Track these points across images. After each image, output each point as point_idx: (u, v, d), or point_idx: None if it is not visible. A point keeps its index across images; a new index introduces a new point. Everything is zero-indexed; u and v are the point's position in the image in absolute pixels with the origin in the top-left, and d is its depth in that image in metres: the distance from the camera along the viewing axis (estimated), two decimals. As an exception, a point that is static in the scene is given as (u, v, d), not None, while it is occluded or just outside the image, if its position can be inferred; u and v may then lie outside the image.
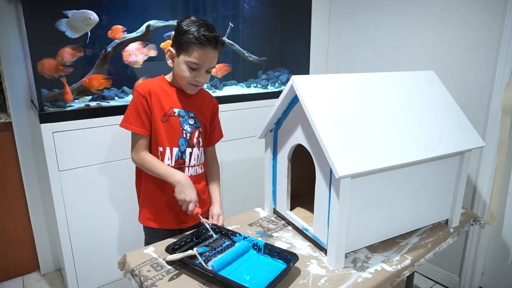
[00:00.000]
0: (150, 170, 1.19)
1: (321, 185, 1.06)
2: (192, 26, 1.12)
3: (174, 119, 1.22)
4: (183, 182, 1.13)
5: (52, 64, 1.56)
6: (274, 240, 1.18)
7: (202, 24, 1.13)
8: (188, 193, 1.12)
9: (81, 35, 1.60)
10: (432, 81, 1.32)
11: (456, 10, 1.79)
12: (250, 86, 2.28)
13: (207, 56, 1.15)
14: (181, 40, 1.13)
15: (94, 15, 1.57)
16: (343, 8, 2.37)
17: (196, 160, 1.28)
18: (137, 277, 1.00)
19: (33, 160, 1.94)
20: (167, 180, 1.16)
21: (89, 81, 1.64)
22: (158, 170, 1.17)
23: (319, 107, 1.02)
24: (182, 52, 1.15)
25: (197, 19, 1.16)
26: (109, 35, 1.67)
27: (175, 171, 1.16)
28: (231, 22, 2.04)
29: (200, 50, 1.13)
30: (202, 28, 1.12)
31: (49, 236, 2.07)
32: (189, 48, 1.13)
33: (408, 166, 1.09)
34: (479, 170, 1.80)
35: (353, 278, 1.00)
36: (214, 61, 1.18)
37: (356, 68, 2.34)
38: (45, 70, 1.55)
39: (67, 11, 1.56)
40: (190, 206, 1.12)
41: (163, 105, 1.20)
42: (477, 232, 1.85)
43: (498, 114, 1.70)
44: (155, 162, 1.19)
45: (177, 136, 1.23)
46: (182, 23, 1.15)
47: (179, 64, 1.16)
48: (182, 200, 1.13)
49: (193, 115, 1.26)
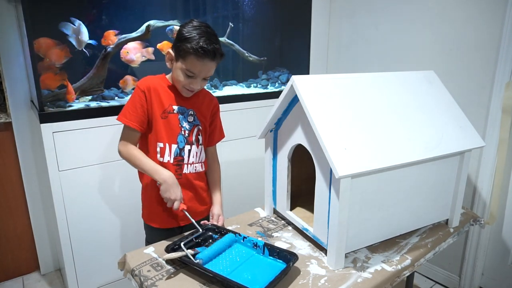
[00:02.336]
0: (136, 164, 1.18)
1: (321, 185, 1.06)
2: (192, 34, 1.11)
3: (173, 116, 1.22)
4: (168, 180, 1.13)
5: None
6: (274, 240, 1.18)
7: (203, 33, 1.12)
8: (173, 192, 1.13)
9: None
10: (432, 81, 1.32)
11: (456, 10, 1.79)
12: (250, 86, 2.28)
13: (204, 67, 1.15)
14: (180, 47, 1.13)
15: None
16: (343, 8, 2.36)
17: (195, 158, 1.28)
18: (137, 277, 1.00)
19: (33, 160, 1.94)
20: (152, 177, 1.16)
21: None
22: (143, 166, 1.17)
23: (319, 107, 1.02)
24: (180, 59, 1.15)
25: (200, 25, 1.14)
26: (103, 43, 1.66)
27: (161, 169, 1.16)
28: (231, 22, 2.04)
29: (197, 61, 1.12)
30: (202, 39, 1.10)
31: (49, 236, 2.07)
32: (186, 57, 1.13)
33: (408, 166, 1.09)
34: (479, 170, 1.80)
35: (353, 278, 1.00)
36: (211, 71, 1.18)
37: (356, 68, 2.34)
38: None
39: (74, 19, 1.57)
40: (175, 204, 1.14)
41: (163, 101, 1.20)
42: (477, 232, 1.85)
43: (498, 114, 1.70)
44: (142, 157, 1.18)
45: (176, 133, 1.23)
46: (184, 29, 1.13)
47: (176, 69, 1.17)
48: (168, 198, 1.14)
49: (192, 113, 1.26)
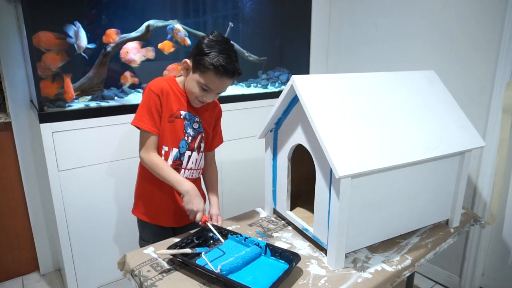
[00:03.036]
0: (158, 173, 1.18)
1: (321, 185, 1.06)
2: (213, 50, 1.10)
3: (179, 121, 1.22)
4: (191, 192, 1.13)
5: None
6: (274, 240, 1.18)
7: (224, 50, 1.11)
8: (196, 203, 1.13)
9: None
10: (432, 81, 1.32)
11: (456, 10, 1.79)
12: (250, 86, 2.28)
13: (222, 84, 1.16)
14: (200, 61, 1.12)
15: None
16: (343, 8, 2.36)
17: (194, 164, 1.28)
18: (137, 277, 1.00)
19: (32, 160, 1.94)
20: (175, 188, 1.16)
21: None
22: (166, 176, 1.16)
23: (319, 107, 1.02)
24: (197, 72, 1.14)
25: (222, 40, 1.13)
26: (104, 41, 1.67)
27: (183, 180, 1.16)
28: (231, 22, 2.04)
29: (216, 78, 1.13)
30: (222, 56, 1.10)
31: (49, 236, 2.07)
32: (205, 72, 1.12)
33: (408, 166, 1.08)
34: (479, 170, 1.79)
35: (353, 278, 1.00)
36: (226, 87, 1.19)
37: (356, 68, 2.34)
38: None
39: (77, 22, 1.58)
40: (198, 216, 1.13)
41: (172, 106, 1.20)
42: (478, 232, 1.85)
43: (499, 114, 1.69)
44: (165, 167, 1.18)
45: (179, 138, 1.23)
46: (204, 41, 1.13)
47: (192, 80, 1.17)
48: (190, 210, 1.13)
49: (198, 120, 1.26)
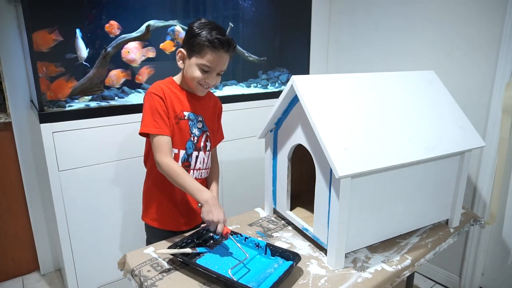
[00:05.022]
0: (176, 180, 1.12)
1: (321, 185, 1.06)
2: (204, 29, 1.12)
3: (184, 122, 1.21)
4: (210, 201, 1.06)
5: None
6: (274, 240, 1.18)
7: (214, 27, 1.13)
8: (216, 214, 1.05)
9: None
10: (432, 81, 1.32)
11: (456, 10, 1.79)
12: (250, 86, 2.28)
13: (220, 59, 1.15)
14: (193, 42, 1.13)
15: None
16: (343, 8, 2.36)
17: (202, 164, 1.28)
18: (137, 277, 1.00)
19: (33, 160, 1.94)
20: (193, 196, 1.10)
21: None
22: (184, 184, 1.11)
23: (319, 107, 1.02)
24: (194, 54, 1.15)
25: (209, 21, 1.15)
26: (106, 29, 1.67)
27: (202, 189, 1.10)
28: (231, 22, 2.04)
29: (213, 53, 1.13)
30: (214, 31, 1.12)
31: (49, 236, 2.07)
32: (202, 50, 1.13)
33: (408, 166, 1.08)
34: (479, 170, 1.79)
35: (353, 278, 1.00)
36: (225, 64, 1.18)
37: (356, 68, 2.34)
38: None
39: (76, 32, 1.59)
40: (219, 228, 1.05)
41: (175, 107, 1.19)
42: (477, 232, 1.85)
43: (499, 114, 1.69)
44: (183, 174, 1.12)
45: (185, 139, 1.22)
46: (194, 25, 1.14)
47: (191, 66, 1.16)
48: (210, 221, 1.05)
49: (201, 119, 1.26)
